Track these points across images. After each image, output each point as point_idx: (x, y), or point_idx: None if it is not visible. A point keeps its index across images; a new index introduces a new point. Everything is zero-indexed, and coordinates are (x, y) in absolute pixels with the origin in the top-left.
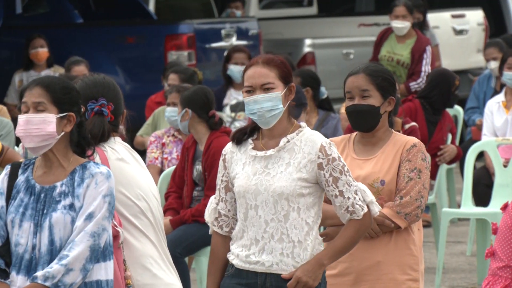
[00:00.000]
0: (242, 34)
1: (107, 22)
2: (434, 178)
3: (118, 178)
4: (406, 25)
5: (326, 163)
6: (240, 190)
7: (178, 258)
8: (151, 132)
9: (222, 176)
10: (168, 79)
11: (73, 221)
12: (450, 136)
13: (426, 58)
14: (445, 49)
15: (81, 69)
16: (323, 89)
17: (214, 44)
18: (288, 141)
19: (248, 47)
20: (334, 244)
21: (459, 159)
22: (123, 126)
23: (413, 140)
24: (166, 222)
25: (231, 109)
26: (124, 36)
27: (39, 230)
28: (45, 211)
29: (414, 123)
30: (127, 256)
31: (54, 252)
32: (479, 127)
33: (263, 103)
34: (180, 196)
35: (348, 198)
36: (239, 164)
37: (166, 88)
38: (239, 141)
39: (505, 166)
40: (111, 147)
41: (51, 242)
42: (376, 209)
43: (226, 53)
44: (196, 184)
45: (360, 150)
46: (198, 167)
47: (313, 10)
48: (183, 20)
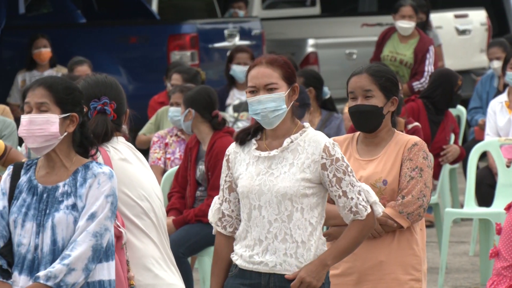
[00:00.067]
0: (245, 34)
1: (110, 22)
2: (437, 178)
3: (121, 178)
4: (412, 25)
5: (330, 164)
6: (243, 191)
7: (181, 258)
8: (154, 131)
9: (226, 177)
10: (171, 79)
11: (75, 221)
12: (453, 136)
13: (429, 58)
14: (448, 49)
15: (84, 69)
16: (326, 89)
17: (217, 44)
18: (291, 141)
19: (251, 47)
20: (337, 244)
21: (462, 159)
22: (126, 126)
23: (414, 139)
24: (169, 222)
25: (234, 109)
26: (127, 36)
27: (41, 230)
28: (47, 211)
29: (417, 123)
30: (129, 257)
31: (56, 252)
32: (482, 127)
33: (266, 104)
34: (183, 196)
35: (352, 199)
36: (243, 164)
37: (169, 88)
38: (242, 141)
39: (508, 166)
40: (114, 147)
41: (54, 242)
42: (380, 209)
43: (229, 53)
44: (199, 184)
45: (363, 150)
46: (201, 167)
47: (316, 10)
48: (186, 20)
